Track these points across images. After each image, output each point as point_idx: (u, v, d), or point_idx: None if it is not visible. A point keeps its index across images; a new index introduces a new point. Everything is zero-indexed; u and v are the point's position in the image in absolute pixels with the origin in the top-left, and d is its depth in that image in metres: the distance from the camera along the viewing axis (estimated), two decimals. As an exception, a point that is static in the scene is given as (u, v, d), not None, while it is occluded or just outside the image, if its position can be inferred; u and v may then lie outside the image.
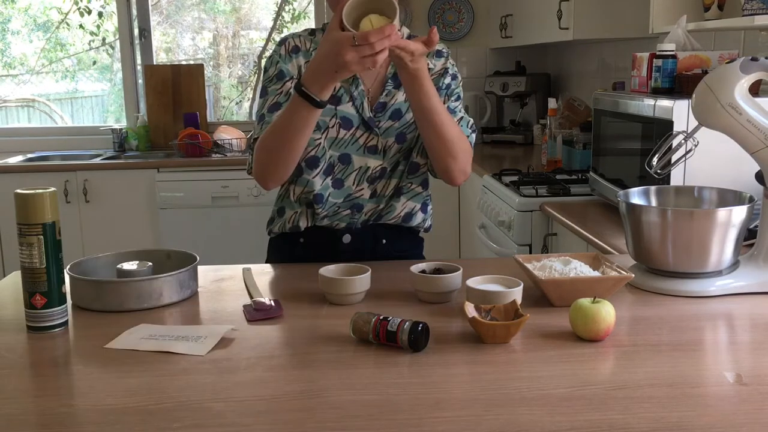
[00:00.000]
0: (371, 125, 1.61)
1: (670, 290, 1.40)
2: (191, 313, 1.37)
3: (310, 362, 1.12)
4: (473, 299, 1.27)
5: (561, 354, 1.13)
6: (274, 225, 1.75)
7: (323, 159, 1.61)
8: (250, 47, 4.97)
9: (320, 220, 1.65)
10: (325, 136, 1.60)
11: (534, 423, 0.91)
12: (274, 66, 1.61)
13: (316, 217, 1.65)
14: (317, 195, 1.62)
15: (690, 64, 2.04)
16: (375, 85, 1.63)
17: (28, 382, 1.08)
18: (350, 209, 1.66)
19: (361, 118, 1.61)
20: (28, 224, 1.22)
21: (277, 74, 1.60)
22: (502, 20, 3.93)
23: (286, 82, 1.59)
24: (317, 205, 1.63)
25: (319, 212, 1.64)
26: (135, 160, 3.99)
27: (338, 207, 1.65)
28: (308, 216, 1.66)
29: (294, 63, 1.60)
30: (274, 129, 1.50)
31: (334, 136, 1.60)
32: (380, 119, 1.62)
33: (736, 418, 0.92)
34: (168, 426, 0.92)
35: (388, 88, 1.62)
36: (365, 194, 1.66)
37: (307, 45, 1.62)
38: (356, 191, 1.65)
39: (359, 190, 1.65)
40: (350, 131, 1.61)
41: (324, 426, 0.92)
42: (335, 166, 1.64)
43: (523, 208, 2.54)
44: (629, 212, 1.46)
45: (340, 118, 1.59)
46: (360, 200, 1.66)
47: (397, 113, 1.62)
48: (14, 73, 4.90)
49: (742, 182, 1.62)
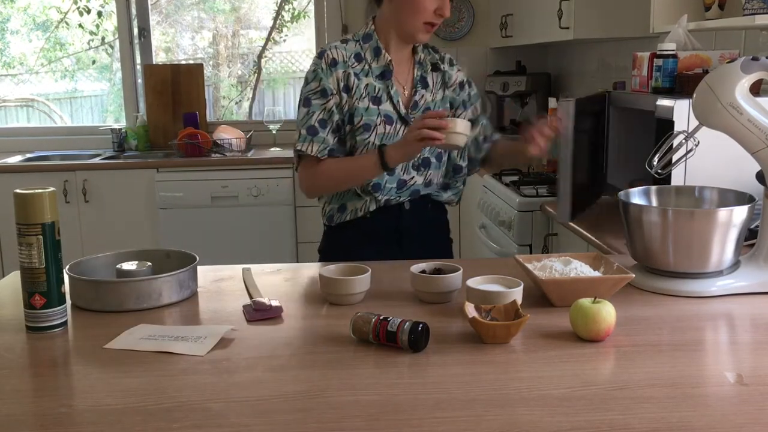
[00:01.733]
0: (408, 120, 1.82)
1: (670, 290, 1.40)
2: (191, 314, 1.37)
3: (310, 362, 1.12)
4: (473, 299, 1.26)
5: (561, 354, 1.13)
6: (334, 219, 1.90)
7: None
8: (250, 47, 4.96)
9: (385, 203, 1.85)
10: (374, 133, 1.79)
11: (534, 423, 0.91)
12: (317, 81, 1.80)
13: (379, 202, 1.84)
14: (375, 184, 1.82)
15: (691, 63, 2.03)
16: (407, 86, 1.87)
17: (28, 382, 1.08)
18: (410, 196, 1.87)
19: (398, 115, 1.82)
20: (27, 224, 1.22)
21: (320, 91, 1.79)
22: (502, 20, 3.93)
23: (329, 100, 1.79)
24: (376, 192, 1.82)
25: (380, 198, 1.83)
26: (134, 160, 3.98)
27: (396, 190, 1.84)
28: (373, 202, 1.84)
29: (334, 77, 1.79)
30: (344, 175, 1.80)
31: (383, 132, 1.80)
32: (414, 116, 1.83)
33: (736, 418, 0.92)
34: (167, 426, 0.92)
35: (417, 89, 1.86)
36: (417, 181, 1.86)
37: (345, 55, 1.81)
38: (409, 179, 1.85)
39: (411, 179, 1.85)
40: (392, 126, 1.81)
41: (324, 426, 0.92)
42: None
43: (524, 208, 2.53)
44: (630, 212, 1.46)
45: (383, 116, 1.81)
46: (415, 186, 1.86)
47: (426, 111, 1.84)
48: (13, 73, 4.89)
49: (742, 182, 1.62)
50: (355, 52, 1.81)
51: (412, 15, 1.76)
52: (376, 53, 1.82)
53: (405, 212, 1.88)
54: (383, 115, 1.80)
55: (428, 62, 1.90)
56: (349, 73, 1.79)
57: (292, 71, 4.99)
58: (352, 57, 1.81)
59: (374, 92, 1.80)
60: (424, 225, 1.92)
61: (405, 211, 1.88)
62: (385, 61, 1.82)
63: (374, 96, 1.80)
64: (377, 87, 1.81)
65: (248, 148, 4.13)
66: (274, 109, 4.19)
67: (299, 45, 4.94)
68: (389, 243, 1.87)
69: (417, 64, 1.88)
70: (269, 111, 4.18)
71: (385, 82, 1.82)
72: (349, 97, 1.78)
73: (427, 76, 1.88)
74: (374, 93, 1.80)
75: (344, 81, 1.79)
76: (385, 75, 1.82)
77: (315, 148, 1.78)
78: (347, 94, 1.79)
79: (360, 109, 1.78)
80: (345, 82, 1.78)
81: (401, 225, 1.88)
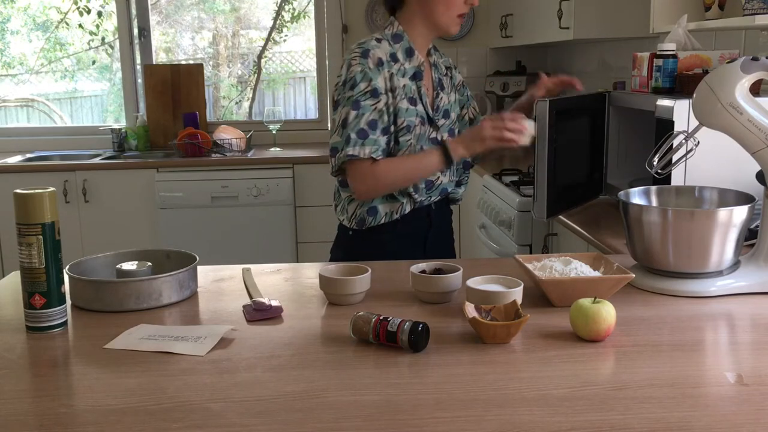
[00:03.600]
0: (434, 121, 1.87)
1: (670, 290, 1.40)
2: (191, 314, 1.37)
3: (310, 362, 1.12)
4: (473, 299, 1.26)
5: (561, 354, 1.13)
6: (366, 223, 1.87)
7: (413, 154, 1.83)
8: (250, 47, 4.96)
9: (418, 204, 1.87)
10: (414, 133, 1.81)
11: (534, 423, 0.91)
12: (366, 81, 1.76)
13: (415, 203, 1.86)
14: (416, 185, 1.84)
15: (691, 63, 2.03)
16: (429, 88, 1.89)
17: (28, 382, 1.08)
18: (439, 195, 1.91)
19: (427, 115, 1.85)
20: (27, 224, 1.22)
21: (371, 91, 1.76)
22: (502, 20, 3.93)
23: (380, 100, 1.77)
24: (416, 193, 1.85)
25: (416, 197, 1.85)
26: (134, 160, 3.98)
27: (426, 190, 1.87)
28: (410, 203, 1.86)
29: (382, 76, 1.77)
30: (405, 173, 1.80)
31: (419, 132, 1.83)
32: (438, 117, 1.89)
33: (736, 418, 0.92)
34: (167, 426, 0.92)
35: (438, 91, 1.90)
36: (443, 180, 1.90)
37: (386, 55, 1.80)
38: (435, 180, 1.88)
39: (437, 178, 1.88)
40: (424, 127, 1.85)
41: (324, 426, 0.92)
42: None
43: (524, 208, 2.53)
44: (630, 212, 1.46)
45: (419, 117, 1.83)
46: (443, 186, 1.91)
47: (446, 113, 1.91)
48: (13, 73, 4.89)
49: (742, 182, 1.62)
50: (390, 52, 1.80)
51: (446, 9, 1.78)
52: (408, 54, 1.82)
53: (432, 213, 1.91)
54: (419, 116, 1.82)
55: (442, 65, 1.94)
56: (392, 72, 1.78)
57: (292, 71, 4.99)
58: (389, 57, 1.80)
59: (410, 93, 1.81)
60: (445, 228, 1.99)
61: (432, 211, 1.91)
62: (417, 62, 1.83)
63: (411, 97, 1.81)
64: (412, 88, 1.82)
65: (248, 148, 4.13)
66: (274, 109, 4.20)
67: (299, 45, 4.94)
68: (415, 246, 1.89)
69: (433, 66, 1.90)
70: (269, 111, 4.18)
71: (417, 83, 1.83)
72: (393, 97, 1.78)
73: (443, 79, 1.92)
74: (410, 94, 1.81)
75: (390, 81, 1.78)
76: (416, 76, 1.83)
77: (368, 150, 1.74)
78: (392, 94, 1.78)
79: (401, 110, 1.78)
80: (390, 82, 1.77)
81: (430, 226, 1.92)
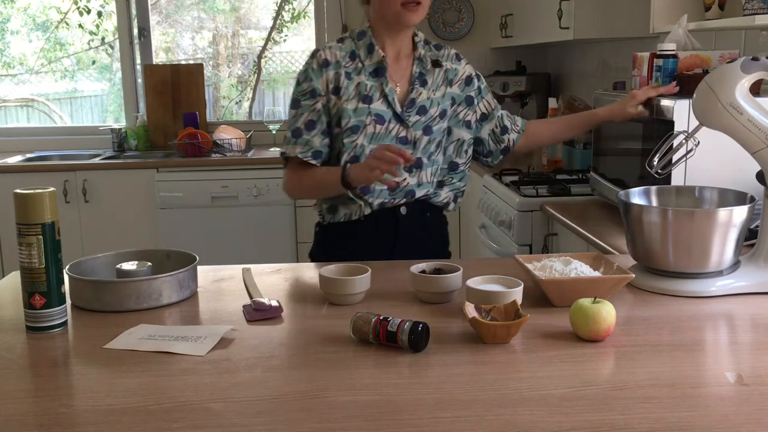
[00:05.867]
0: (403, 119, 1.78)
1: (670, 290, 1.40)
2: (191, 314, 1.37)
3: (310, 362, 1.12)
4: (473, 299, 1.26)
5: (561, 354, 1.13)
6: (326, 220, 1.87)
7: (362, 155, 1.76)
8: (250, 47, 4.96)
9: (377, 205, 1.80)
10: (363, 134, 1.76)
11: (534, 423, 0.91)
12: (307, 82, 1.79)
13: (372, 206, 1.80)
14: (364, 187, 1.76)
15: (691, 63, 2.03)
16: (403, 83, 1.82)
17: (28, 382, 1.08)
18: (405, 196, 1.81)
19: (393, 113, 1.78)
20: (27, 224, 1.22)
21: (310, 91, 1.78)
22: (502, 20, 3.93)
23: (318, 101, 1.77)
24: (366, 195, 1.78)
25: (371, 201, 1.79)
26: (134, 160, 3.98)
27: (389, 192, 1.79)
28: (367, 206, 1.80)
29: (324, 78, 1.77)
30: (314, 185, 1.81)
31: (372, 132, 1.77)
32: (410, 114, 1.80)
33: (736, 418, 0.92)
34: (167, 426, 0.92)
35: (415, 86, 1.82)
36: (410, 182, 1.80)
37: (337, 56, 1.79)
38: (401, 181, 1.78)
39: (403, 180, 1.79)
40: (384, 125, 1.78)
41: (324, 426, 0.92)
42: None
43: (524, 208, 2.53)
44: (630, 212, 1.46)
45: (374, 116, 1.77)
46: (409, 188, 1.81)
47: (422, 109, 1.81)
48: (13, 73, 4.89)
49: (742, 182, 1.62)
50: (350, 51, 1.80)
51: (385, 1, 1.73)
52: (369, 50, 1.79)
53: (402, 218, 1.82)
54: (374, 115, 1.76)
55: (428, 59, 1.85)
56: (341, 73, 1.76)
57: (292, 71, 4.99)
58: (347, 56, 1.79)
59: (365, 91, 1.76)
60: (421, 233, 1.86)
61: (402, 216, 1.82)
62: (378, 58, 1.78)
63: (365, 95, 1.76)
64: (369, 85, 1.77)
65: (248, 148, 4.13)
66: (274, 109, 4.20)
67: (299, 45, 4.94)
68: (381, 250, 1.78)
69: (416, 60, 1.83)
70: (269, 111, 4.18)
71: (379, 79, 1.78)
72: (338, 99, 1.76)
73: (426, 74, 1.84)
74: (365, 92, 1.76)
75: (334, 82, 1.76)
76: (378, 72, 1.78)
77: (298, 149, 1.77)
78: (336, 96, 1.76)
79: (347, 110, 1.75)
80: (335, 83, 1.76)
81: (398, 232, 1.82)
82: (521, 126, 1.97)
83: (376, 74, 1.78)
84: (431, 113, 1.81)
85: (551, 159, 3.17)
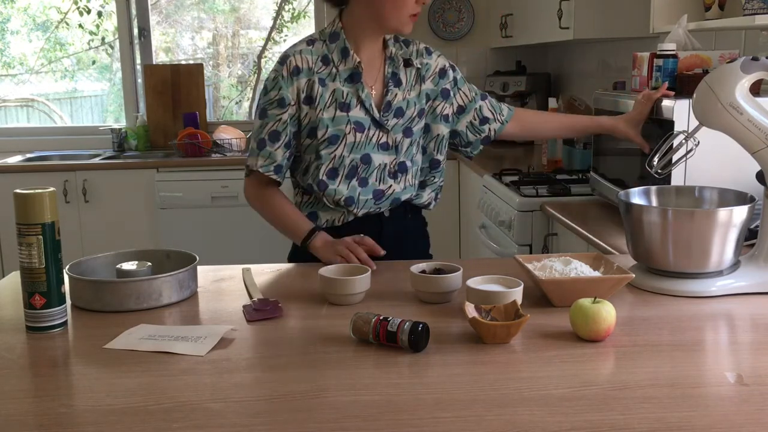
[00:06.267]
0: (382, 124, 1.71)
1: (670, 290, 1.40)
2: (191, 314, 1.37)
3: (310, 362, 1.12)
4: (473, 299, 1.26)
5: (561, 354, 1.13)
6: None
7: (342, 166, 1.70)
8: (250, 47, 4.96)
9: (364, 215, 1.75)
10: (343, 144, 1.69)
11: (534, 423, 0.91)
12: (276, 90, 1.69)
13: (356, 215, 1.75)
14: (348, 198, 1.71)
15: (691, 63, 2.03)
16: (377, 85, 1.74)
17: (28, 382, 1.08)
18: (390, 203, 1.77)
19: (371, 119, 1.71)
20: (27, 224, 1.22)
21: (278, 100, 1.68)
22: (502, 20, 3.93)
23: (286, 111, 1.68)
24: (351, 206, 1.72)
25: (356, 211, 1.74)
26: (134, 160, 3.99)
27: (375, 201, 1.74)
28: (351, 214, 1.75)
29: (294, 86, 1.68)
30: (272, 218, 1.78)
31: (353, 141, 1.69)
32: (388, 117, 1.72)
33: (736, 418, 0.92)
34: (167, 426, 0.92)
35: (389, 88, 1.73)
36: (396, 189, 1.75)
37: (309, 61, 1.69)
38: (386, 189, 1.74)
39: (389, 187, 1.74)
40: (364, 133, 1.70)
41: (324, 426, 0.92)
42: (358, 168, 1.71)
43: (524, 208, 2.53)
44: (630, 212, 1.46)
45: (353, 124, 1.69)
46: (395, 195, 1.76)
47: (399, 111, 1.74)
48: (13, 73, 4.89)
49: (742, 182, 1.62)
50: (322, 54, 1.69)
51: (396, 10, 1.62)
52: (343, 54, 1.69)
53: (385, 221, 1.78)
54: (353, 123, 1.68)
55: (399, 57, 1.76)
56: (314, 81, 1.67)
57: (292, 71, 4.98)
58: (319, 60, 1.69)
59: (342, 98, 1.67)
60: (403, 235, 1.82)
61: (385, 219, 1.78)
62: (353, 63, 1.68)
63: (342, 102, 1.67)
64: (345, 92, 1.68)
65: (248, 148, 4.12)
66: (274, 109, 4.19)
67: (299, 45, 4.93)
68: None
69: (388, 60, 1.74)
70: (269, 111, 4.18)
71: (354, 85, 1.69)
72: (312, 108, 1.67)
73: (399, 73, 1.74)
74: (342, 99, 1.67)
75: (306, 91, 1.67)
76: (353, 78, 1.69)
77: (260, 162, 1.69)
78: (309, 105, 1.68)
79: (324, 120, 1.66)
80: (307, 92, 1.67)
81: (382, 235, 1.74)
82: (506, 116, 1.89)
83: (351, 80, 1.69)
84: (409, 114, 1.74)
85: (551, 159, 3.17)
